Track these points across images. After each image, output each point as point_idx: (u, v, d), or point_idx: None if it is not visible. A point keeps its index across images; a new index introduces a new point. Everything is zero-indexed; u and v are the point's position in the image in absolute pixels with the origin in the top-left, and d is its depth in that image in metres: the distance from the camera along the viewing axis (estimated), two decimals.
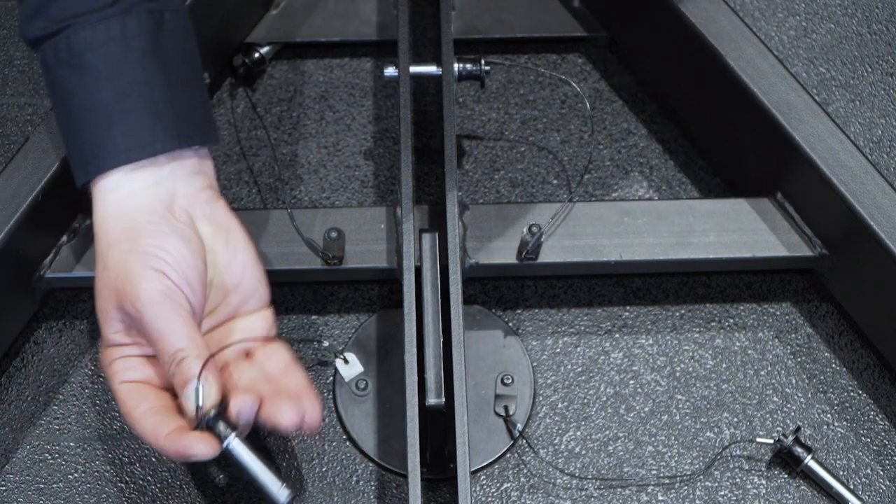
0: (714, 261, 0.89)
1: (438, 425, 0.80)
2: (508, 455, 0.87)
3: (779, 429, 0.88)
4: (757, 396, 0.90)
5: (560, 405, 0.89)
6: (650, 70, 1.01)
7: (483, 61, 0.93)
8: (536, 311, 0.93)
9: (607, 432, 0.88)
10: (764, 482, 0.86)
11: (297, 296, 0.94)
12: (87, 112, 0.77)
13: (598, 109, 1.02)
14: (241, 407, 0.75)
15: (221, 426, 0.74)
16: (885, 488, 0.86)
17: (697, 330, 0.92)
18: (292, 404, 0.76)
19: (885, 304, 0.87)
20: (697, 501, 0.86)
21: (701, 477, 0.87)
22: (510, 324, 0.92)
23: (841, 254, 0.88)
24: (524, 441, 0.88)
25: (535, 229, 0.87)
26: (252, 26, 1.04)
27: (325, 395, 0.90)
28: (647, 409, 0.89)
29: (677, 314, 0.93)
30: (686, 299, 0.94)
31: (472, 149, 1.00)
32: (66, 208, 0.89)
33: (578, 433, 0.88)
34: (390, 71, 0.91)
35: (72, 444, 0.88)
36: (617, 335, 0.92)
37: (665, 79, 1.00)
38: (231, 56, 1.03)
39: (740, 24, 0.91)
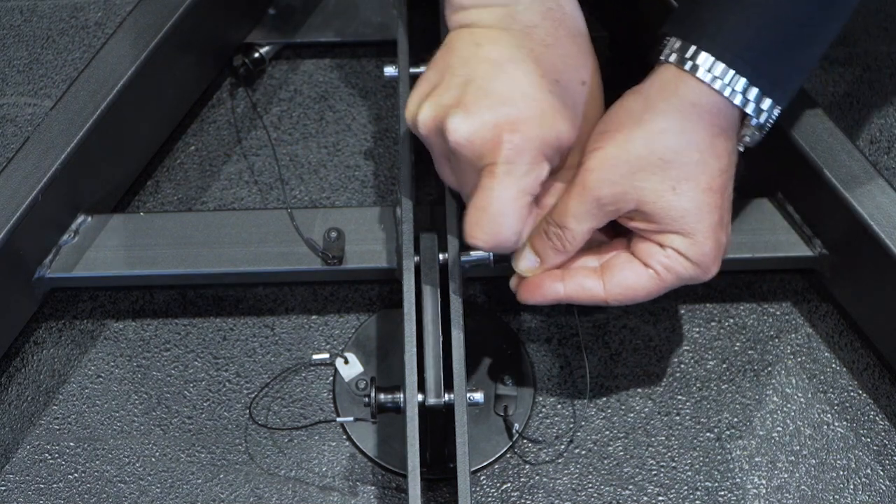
0: None
1: (438, 425, 0.80)
2: (508, 455, 0.87)
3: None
4: (757, 396, 0.90)
5: (560, 405, 0.89)
6: (650, 70, 1.01)
7: None
8: (536, 311, 0.93)
9: (607, 432, 0.88)
10: (764, 482, 0.86)
11: (297, 296, 0.94)
12: None
13: None
14: None
15: None
16: (885, 488, 0.86)
17: (697, 330, 0.92)
18: None
19: (885, 304, 0.87)
20: (697, 502, 0.86)
21: (701, 477, 0.87)
22: (510, 324, 0.92)
23: (841, 254, 0.88)
24: (524, 441, 0.88)
25: None
26: (252, 26, 1.04)
27: (325, 395, 0.90)
28: (647, 409, 0.89)
29: (677, 314, 0.93)
30: (686, 299, 0.94)
31: None
32: (66, 208, 0.89)
33: (578, 433, 0.88)
34: (390, 71, 0.91)
35: (72, 444, 0.88)
36: (617, 335, 0.92)
37: None
38: (231, 56, 1.03)
39: None
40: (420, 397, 0.78)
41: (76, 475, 0.87)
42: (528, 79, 0.74)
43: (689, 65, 0.73)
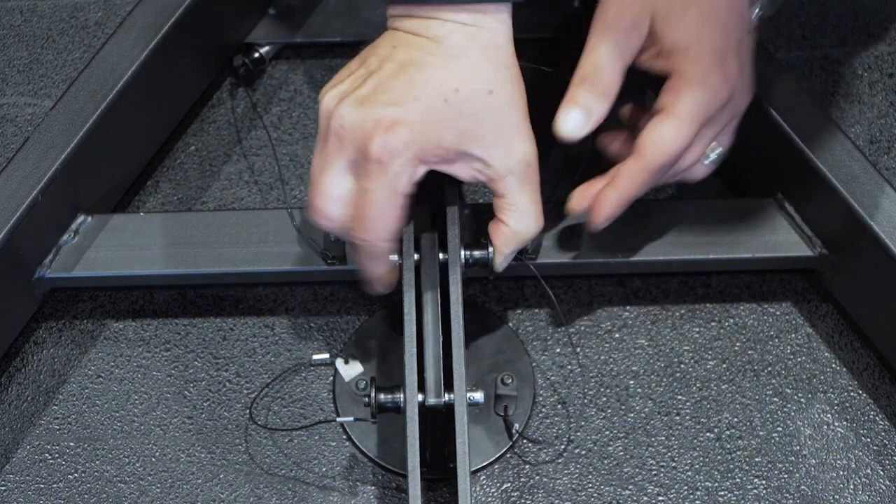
0: (714, 261, 0.89)
1: (438, 425, 0.80)
2: (508, 455, 0.87)
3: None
4: (757, 396, 0.90)
5: (560, 405, 0.89)
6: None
7: None
8: (536, 311, 0.93)
9: (607, 433, 0.88)
10: (764, 482, 0.86)
11: (297, 296, 0.94)
12: None
13: None
14: None
15: None
16: (885, 488, 0.86)
17: (697, 330, 0.92)
18: None
19: (885, 304, 0.87)
20: (697, 502, 0.86)
21: (701, 477, 0.87)
22: (510, 324, 0.92)
23: (841, 254, 0.88)
24: (524, 441, 0.88)
25: None
26: (252, 26, 1.04)
27: (325, 395, 0.90)
28: (647, 409, 0.89)
29: (677, 314, 0.93)
30: (686, 299, 0.94)
31: None
32: (66, 208, 0.89)
33: (578, 433, 0.88)
34: None
35: (72, 444, 0.88)
36: (617, 335, 0.92)
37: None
38: (231, 56, 1.03)
39: None
40: (420, 397, 0.78)
41: (76, 475, 0.87)
42: (425, 85, 0.76)
43: None
